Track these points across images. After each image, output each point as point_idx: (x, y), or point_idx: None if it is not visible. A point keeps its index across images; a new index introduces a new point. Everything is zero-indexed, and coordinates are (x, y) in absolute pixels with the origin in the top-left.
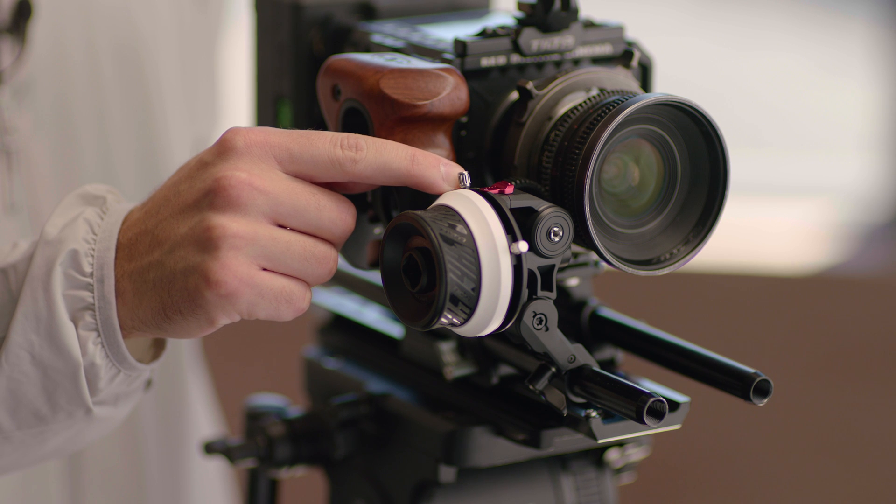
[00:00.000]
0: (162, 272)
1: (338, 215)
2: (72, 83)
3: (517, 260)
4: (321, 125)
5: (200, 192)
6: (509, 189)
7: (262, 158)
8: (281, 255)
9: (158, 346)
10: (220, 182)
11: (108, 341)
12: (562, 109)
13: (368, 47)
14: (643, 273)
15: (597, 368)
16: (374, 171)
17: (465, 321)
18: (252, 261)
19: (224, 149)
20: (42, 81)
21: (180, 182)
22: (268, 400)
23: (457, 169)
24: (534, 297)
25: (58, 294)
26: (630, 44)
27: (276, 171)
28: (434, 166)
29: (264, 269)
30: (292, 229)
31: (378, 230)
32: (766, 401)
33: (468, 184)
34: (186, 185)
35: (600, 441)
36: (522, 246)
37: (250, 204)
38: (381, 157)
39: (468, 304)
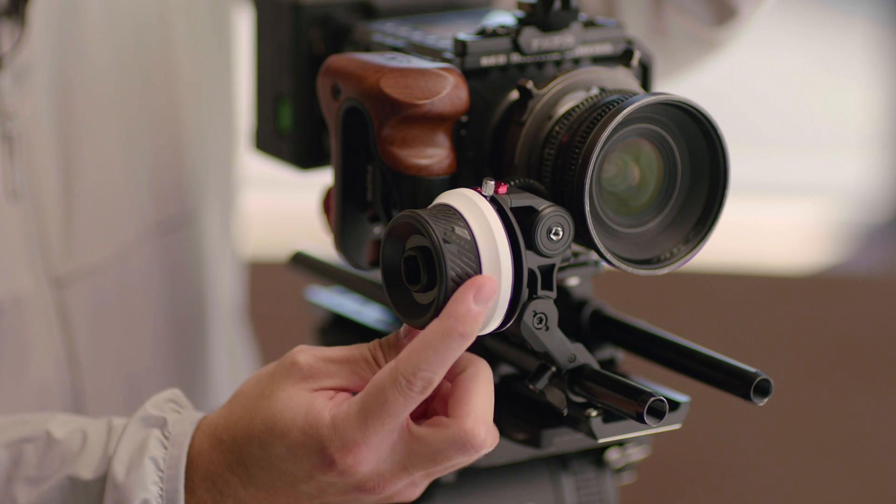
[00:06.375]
0: None
1: None
2: (73, 66)
3: (494, 202)
4: (321, 124)
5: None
6: (502, 189)
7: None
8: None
9: None
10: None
11: None
12: (562, 109)
13: (368, 46)
14: (643, 272)
15: (597, 368)
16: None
17: None
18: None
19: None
20: (42, 65)
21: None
22: None
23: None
24: (534, 296)
25: None
26: (630, 43)
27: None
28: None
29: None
30: None
31: (378, 229)
32: (766, 400)
33: (492, 192)
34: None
35: (600, 441)
36: (489, 189)
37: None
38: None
39: None
